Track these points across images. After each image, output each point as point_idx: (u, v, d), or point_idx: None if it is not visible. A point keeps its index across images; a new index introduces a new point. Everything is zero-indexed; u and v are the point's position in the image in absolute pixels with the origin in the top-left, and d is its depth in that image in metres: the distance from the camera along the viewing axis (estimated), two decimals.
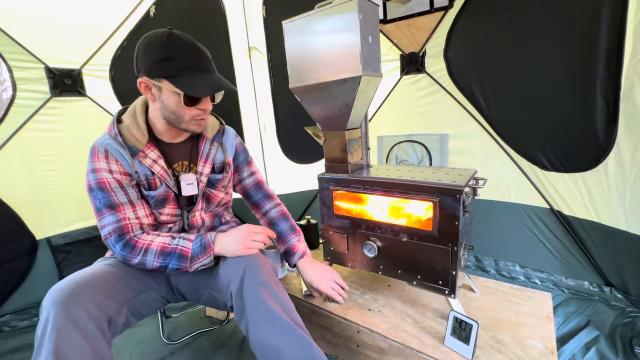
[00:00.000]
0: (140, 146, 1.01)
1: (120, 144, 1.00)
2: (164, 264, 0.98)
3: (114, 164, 1.00)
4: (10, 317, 1.66)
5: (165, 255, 0.98)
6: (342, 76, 1.06)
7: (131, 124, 1.02)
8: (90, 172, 0.99)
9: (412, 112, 2.19)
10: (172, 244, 0.99)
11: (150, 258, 0.97)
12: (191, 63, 0.94)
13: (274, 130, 2.56)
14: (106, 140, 1.01)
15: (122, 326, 0.91)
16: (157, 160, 1.04)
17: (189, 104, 0.97)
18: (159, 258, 0.97)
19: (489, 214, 1.97)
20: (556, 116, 1.65)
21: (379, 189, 1.19)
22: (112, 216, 0.98)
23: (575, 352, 1.32)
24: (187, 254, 0.98)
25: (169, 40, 0.93)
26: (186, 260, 0.98)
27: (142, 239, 1.00)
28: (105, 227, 0.98)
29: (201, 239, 1.01)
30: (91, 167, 0.99)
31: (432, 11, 1.93)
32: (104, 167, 0.98)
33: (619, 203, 1.52)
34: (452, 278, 1.08)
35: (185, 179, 1.09)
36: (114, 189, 0.99)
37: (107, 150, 0.99)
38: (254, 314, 0.91)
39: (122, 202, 1.00)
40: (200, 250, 0.99)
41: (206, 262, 1.00)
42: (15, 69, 1.63)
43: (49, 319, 0.75)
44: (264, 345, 0.88)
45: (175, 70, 0.93)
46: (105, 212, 0.98)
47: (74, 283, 0.83)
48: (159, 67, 0.93)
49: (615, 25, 1.40)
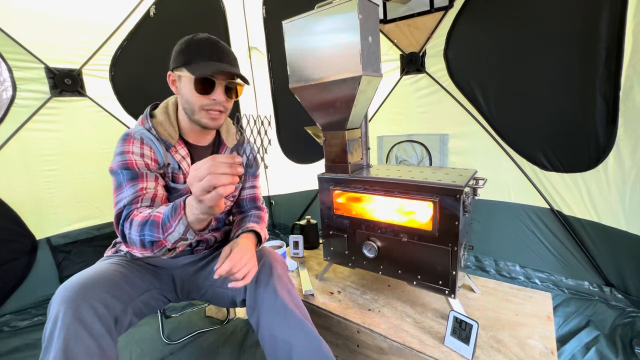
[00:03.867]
0: (172, 141, 1.03)
1: (154, 137, 1.02)
2: (141, 237, 0.82)
3: (147, 150, 1.00)
4: (10, 317, 1.66)
5: (142, 226, 0.82)
6: (342, 76, 1.06)
7: (164, 120, 1.04)
8: (118, 154, 0.97)
9: (412, 112, 2.19)
10: (151, 213, 0.84)
11: (134, 231, 0.83)
12: (207, 52, 0.97)
13: (274, 130, 2.56)
14: (141, 130, 1.03)
15: (127, 325, 0.91)
16: (185, 157, 1.06)
17: (199, 92, 0.97)
18: (138, 230, 0.83)
19: (489, 214, 1.97)
20: (556, 116, 1.65)
21: (379, 189, 1.19)
22: (131, 188, 0.91)
23: (575, 352, 1.32)
24: (158, 219, 0.80)
25: (195, 36, 0.99)
26: (158, 227, 0.79)
27: (139, 210, 0.88)
28: (121, 200, 0.90)
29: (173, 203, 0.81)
30: (121, 149, 0.97)
31: (432, 11, 1.93)
32: (137, 151, 0.98)
33: (619, 203, 1.52)
34: (452, 278, 1.08)
35: None
36: (140, 166, 0.96)
37: (142, 138, 1.01)
38: (267, 307, 0.93)
39: (147, 174, 0.97)
40: (170, 212, 0.78)
41: (180, 228, 0.76)
42: (15, 69, 1.63)
43: (58, 317, 0.76)
44: (274, 338, 0.90)
45: (192, 57, 0.96)
46: (125, 185, 0.92)
47: (82, 282, 0.83)
48: (180, 57, 0.98)
49: (615, 25, 1.40)
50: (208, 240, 1.16)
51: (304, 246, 1.79)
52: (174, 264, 1.13)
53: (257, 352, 1.38)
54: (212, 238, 1.18)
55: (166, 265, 1.12)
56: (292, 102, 1.38)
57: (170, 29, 2.03)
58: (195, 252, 1.16)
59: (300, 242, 1.75)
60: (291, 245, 1.77)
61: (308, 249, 1.82)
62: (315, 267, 1.61)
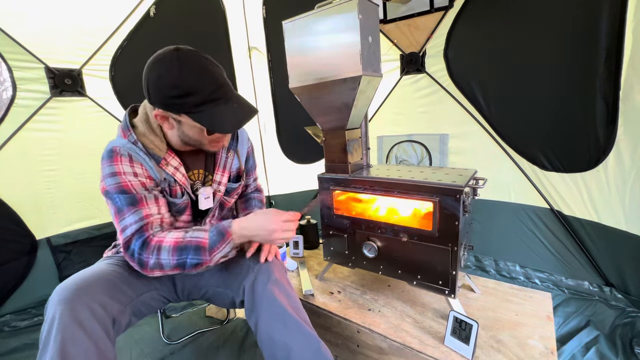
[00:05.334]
0: (161, 154, 0.97)
1: (142, 151, 0.95)
2: (181, 261, 0.89)
3: (139, 168, 0.94)
4: (10, 317, 1.66)
5: (181, 251, 0.89)
6: (342, 76, 1.06)
7: (147, 132, 0.96)
8: (108, 176, 0.91)
9: (412, 112, 2.19)
10: (186, 237, 0.91)
11: (165, 256, 0.88)
12: (210, 95, 0.87)
13: (274, 130, 2.56)
14: (127, 144, 0.95)
15: (125, 326, 0.91)
16: (178, 167, 1.01)
17: (211, 133, 0.94)
18: (175, 254, 0.88)
19: (489, 214, 1.97)
20: (556, 116, 1.65)
21: (379, 189, 1.19)
22: (134, 215, 0.90)
23: (575, 352, 1.32)
24: (204, 244, 0.89)
25: (181, 71, 0.85)
26: (204, 251, 0.89)
27: (157, 236, 0.92)
28: (127, 228, 0.90)
29: (216, 227, 0.93)
30: (110, 170, 0.91)
31: (432, 11, 1.93)
32: (128, 170, 0.92)
33: (618, 203, 1.52)
34: (452, 278, 1.08)
35: (203, 193, 1.07)
36: (137, 188, 0.92)
37: (130, 155, 0.93)
38: (265, 310, 0.93)
39: (146, 197, 0.94)
40: (217, 237, 0.90)
41: (226, 250, 0.91)
42: (15, 69, 1.63)
43: (54, 319, 0.75)
44: (272, 341, 0.90)
45: (194, 105, 0.87)
46: (126, 211, 0.90)
47: (80, 283, 0.83)
48: (176, 104, 0.87)
49: (615, 25, 1.40)
50: None
51: (304, 246, 1.79)
52: None
53: (257, 352, 1.37)
54: None
55: None
56: (292, 102, 1.38)
57: (170, 29, 2.03)
58: None
59: (300, 242, 1.75)
60: (291, 245, 1.77)
61: (308, 249, 1.82)
62: (315, 267, 1.61)
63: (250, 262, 1.04)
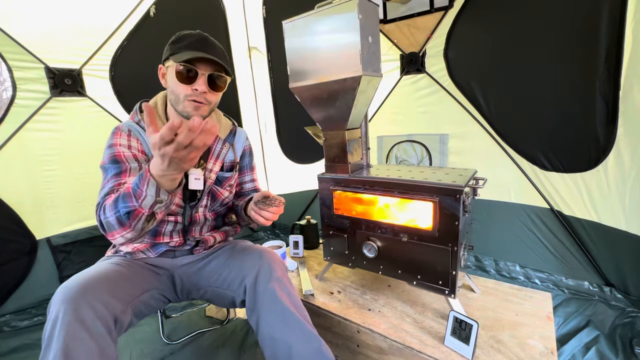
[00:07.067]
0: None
1: (142, 128, 1.06)
2: (117, 214, 0.83)
3: (134, 142, 1.04)
4: (10, 317, 1.66)
5: (115, 203, 0.83)
6: (342, 76, 1.06)
7: None
8: (107, 148, 1.01)
9: (412, 112, 2.19)
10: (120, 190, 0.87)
11: (108, 213, 0.85)
12: (192, 44, 1.00)
13: (274, 130, 2.56)
14: (130, 122, 1.07)
15: (126, 326, 0.91)
16: None
17: (181, 81, 0.98)
18: (112, 209, 0.84)
19: (489, 214, 1.97)
20: (556, 116, 1.65)
21: (379, 189, 1.19)
22: (113, 181, 0.94)
23: (575, 352, 1.32)
24: (129, 189, 0.82)
25: (186, 31, 1.03)
26: (130, 197, 0.81)
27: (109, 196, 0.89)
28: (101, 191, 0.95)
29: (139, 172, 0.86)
30: (109, 142, 1.02)
31: (432, 11, 1.93)
32: (124, 143, 1.02)
33: (618, 203, 1.52)
34: (452, 278, 1.08)
35: (193, 174, 1.10)
36: (127, 158, 1.00)
37: (130, 130, 1.05)
38: (266, 308, 0.94)
39: (132, 168, 0.98)
40: (138, 179, 0.80)
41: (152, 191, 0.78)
42: (15, 69, 1.63)
43: (58, 317, 0.76)
44: (273, 340, 0.90)
45: (178, 49, 0.99)
46: (110, 179, 0.95)
47: (82, 282, 0.83)
48: (168, 49, 1.02)
49: (615, 25, 1.40)
50: (207, 240, 1.16)
51: (304, 246, 1.79)
52: (174, 264, 1.13)
53: (257, 352, 1.38)
54: (212, 238, 1.18)
55: (166, 266, 1.12)
56: (292, 102, 1.38)
57: (170, 29, 2.01)
58: (194, 253, 1.16)
59: (300, 242, 1.75)
60: (291, 245, 1.77)
61: (308, 249, 1.82)
62: (315, 267, 1.61)
63: (251, 262, 1.05)
